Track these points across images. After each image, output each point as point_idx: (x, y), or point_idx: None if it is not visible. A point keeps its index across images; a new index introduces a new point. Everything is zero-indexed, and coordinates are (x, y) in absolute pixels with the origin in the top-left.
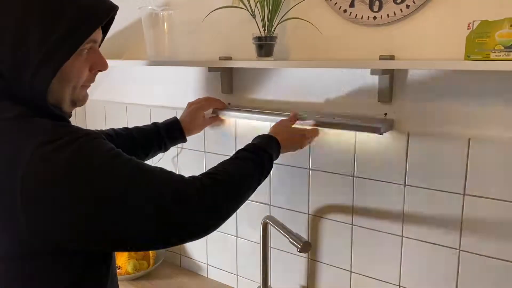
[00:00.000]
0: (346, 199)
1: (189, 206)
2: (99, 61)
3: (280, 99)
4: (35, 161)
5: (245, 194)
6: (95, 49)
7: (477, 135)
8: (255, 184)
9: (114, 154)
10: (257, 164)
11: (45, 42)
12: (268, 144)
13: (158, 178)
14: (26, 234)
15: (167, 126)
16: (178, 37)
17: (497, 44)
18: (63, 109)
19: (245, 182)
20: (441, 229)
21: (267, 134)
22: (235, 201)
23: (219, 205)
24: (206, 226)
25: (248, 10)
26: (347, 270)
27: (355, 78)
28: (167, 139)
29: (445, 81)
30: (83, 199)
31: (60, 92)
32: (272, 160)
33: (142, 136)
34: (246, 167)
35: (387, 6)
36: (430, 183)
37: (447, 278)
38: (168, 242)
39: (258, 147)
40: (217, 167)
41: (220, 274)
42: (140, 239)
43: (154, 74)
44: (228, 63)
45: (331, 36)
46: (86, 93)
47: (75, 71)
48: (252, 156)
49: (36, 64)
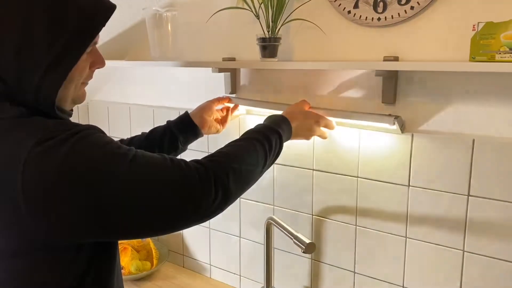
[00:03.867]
0: (350, 200)
1: (191, 197)
2: (98, 59)
3: (284, 101)
4: (34, 159)
5: (251, 176)
6: (94, 47)
7: (481, 136)
8: (262, 166)
9: (113, 146)
10: (264, 144)
11: (52, 47)
12: (279, 124)
13: (159, 171)
14: (30, 233)
15: (177, 119)
16: (182, 38)
17: (502, 45)
18: (65, 108)
19: (251, 164)
20: (445, 230)
21: (280, 114)
22: (240, 184)
23: (225, 188)
24: (211, 211)
25: (252, 11)
26: (350, 271)
27: (359, 79)
28: (179, 133)
29: (449, 82)
30: (84, 192)
31: (64, 93)
32: (282, 141)
33: (155, 135)
34: (252, 147)
35: (391, 7)
36: (434, 184)
37: (451, 279)
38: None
39: (267, 126)
40: (222, 149)
41: (224, 274)
42: (142, 230)
43: (158, 75)
44: (232, 64)
45: (335, 37)
46: (84, 90)
47: (78, 72)
48: (260, 136)
49: (44, 69)
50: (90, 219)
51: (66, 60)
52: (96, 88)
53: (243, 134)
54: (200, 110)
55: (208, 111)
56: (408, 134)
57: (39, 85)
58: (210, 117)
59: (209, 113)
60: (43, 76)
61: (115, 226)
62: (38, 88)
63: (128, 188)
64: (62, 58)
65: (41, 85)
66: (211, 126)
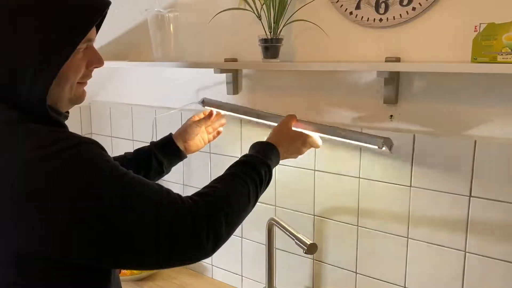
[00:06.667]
0: (351, 201)
1: (180, 241)
2: (95, 57)
3: (285, 101)
4: (23, 169)
5: (243, 216)
6: (91, 46)
7: (483, 137)
8: (253, 203)
9: (109, 167)
10: (255, 180)
11: (41, 45)
12: (267, 155)
13: (152, 204)
14: (21, 245)
15: (160, 140)
16: (184, 38)
17: (504, 46)
18: (61, 109)
19: (244, 204)
20: (447, 231)
21: (266, 142)
22: (232, 228)
23: (217, 234)
24: (205, 252)
25: (254, 12)
26: (352, 271)
27: (361, 79)
28: (160, 154)
29: (451, 83)
30: (68, 209)
31: (58, 92)
32: (271, 172)
33: (138, 155)
34: (245, 186)
35: (393, 8)
36: (436, 185)
37: (452, 280)
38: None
39: (257, 159)
40: (216, 184)
41: (225, 275)
42: (119, 257)
43: (160, 76)
44: (234, 65)
45: (337, 38)
46: (83, 90)
47: (72, 70)
48: (251, 172)
49: (35, 68)
50: (74, 238)
51: (56, 57)
52: (98, 88)
53: (233, 165)
54: (185, 130)
55: (192, 129)
56: (409, 135)
57: (30, 84)
58: (193, 139)
59: (194, 131)
60: (34, 76)
61: (97, 251)
62: (30, 88)
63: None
64: (52, 55)
65: (33, 84)
66: (197, 146)
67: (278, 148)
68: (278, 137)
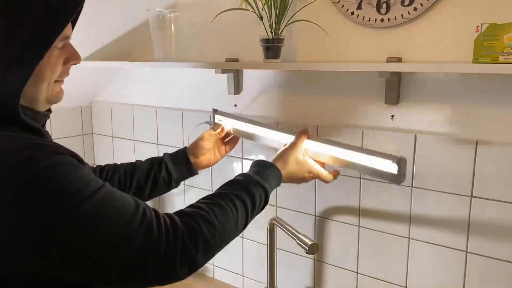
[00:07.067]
0: (353, 201)
1: (151, 265)
2: (72, 54)
3: (287, 101)
4: None
5: (225, 241)
6: (67, 43)
7: (484, 138)
8: (241, 229)
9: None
10: (246, 204)
11: (13, 43)
12: (266, 177)
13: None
14: None
15: (174, 152)
16: (185, 39)
17: (506, 47)
18: (37, 109)
19: (227, 229)
20: (448, 231)
21: (270, 163)
22: (210, 254)
23: (191, 261)
24: (177, 277)
25: (255, 12)
26: (353, 271)
27: (362, 80)
28: (172, 165)
29: (452, 83)
30: (36, 226)
31: (34, 92)
32: (268, 196)
33: (151, 164)
34: (233, 211)
35: (394, 8)
36: (437, 185)
37: (454, 280)
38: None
39: (253, 180)
40: (201, 205)
41: (226, 275)
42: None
43: (161, 76)
44: (235, 65)
45: (338, 39)
46: (60, 89)
47: (49, 69)
48: (244, 194)
49: (6, 67)
50: (37, 253)
51: (30, 56)
52: (99, 88)
53: (227, 184)
54: (197, 144)
55: (205, 143)
56: (411, 135)
57: (2, 84)
58: (204, 154)
59: (206, 145)
60: (6, 75)
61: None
62: (1, 88)
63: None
64: (24, 54)
65: (4, 84)
66: (209, 160)
67: (281, 172)
68: (283, 160)
